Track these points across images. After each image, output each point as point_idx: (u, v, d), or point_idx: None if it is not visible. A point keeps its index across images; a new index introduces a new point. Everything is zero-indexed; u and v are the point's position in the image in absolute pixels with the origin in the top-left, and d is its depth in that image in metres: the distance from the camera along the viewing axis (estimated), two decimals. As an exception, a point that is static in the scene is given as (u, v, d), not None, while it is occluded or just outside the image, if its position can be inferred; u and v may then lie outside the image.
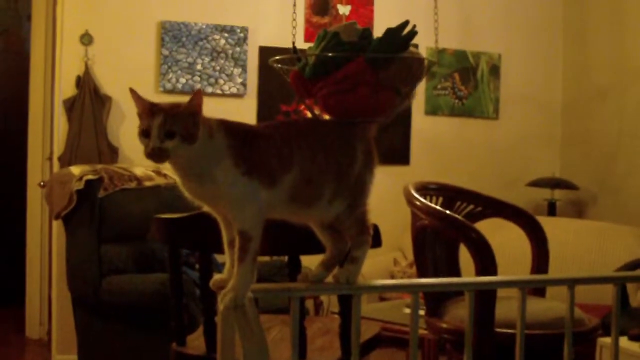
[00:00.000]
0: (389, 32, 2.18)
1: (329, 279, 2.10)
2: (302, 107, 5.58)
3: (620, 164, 6.28)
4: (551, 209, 6.50)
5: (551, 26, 7.00)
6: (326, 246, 2.11)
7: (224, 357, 2.03)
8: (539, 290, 3.74)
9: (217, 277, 2.02)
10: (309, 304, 5.51)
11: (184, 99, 5.83)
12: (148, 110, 1.88)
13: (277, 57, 2.38)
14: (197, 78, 5.97)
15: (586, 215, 6.66)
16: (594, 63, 6.65)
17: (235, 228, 1.91)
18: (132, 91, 1.89)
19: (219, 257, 1.98)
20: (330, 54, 2.15)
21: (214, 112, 6.08)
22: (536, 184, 6.48)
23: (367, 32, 2.21)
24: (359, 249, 2.07)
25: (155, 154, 1.84)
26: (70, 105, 5.70)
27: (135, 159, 5.83)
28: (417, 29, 2.23)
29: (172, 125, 1.84)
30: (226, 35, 6.05)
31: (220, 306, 1.92)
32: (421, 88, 6.56)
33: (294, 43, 2.53)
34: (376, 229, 2.32)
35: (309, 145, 1.98)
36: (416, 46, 2.32)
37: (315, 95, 2.20)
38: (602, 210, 6.49)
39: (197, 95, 1.89)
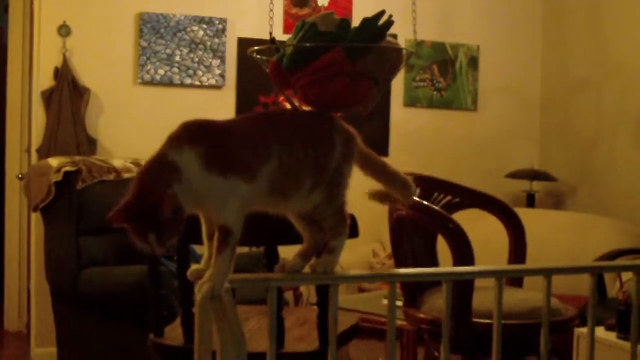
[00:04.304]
0: (365, 21, 2.18)
1: (307, 269, 2.10)
2: (281, 98, 5.58)
3: (599, 155, 6.31)
4: (530, 201, 6.53)
5: (530, 18, 7.02)
6: (303, 236, 2.11)
7: (201, 348, 2.03)
8: (516, 281, 3.76)
9: (194, 267, 2.02)
10: (289, 295, 5.51)
11: (163, 90, 5.75)
12: None
13: (256, 47, 2.38)
14: (175, 69, 5.96)
15: (564, 206, 6.69)
16: (573, 56, 6.68)
17: (216, 224, 1.91)
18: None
19: (197, 249, 1.98)
20: (307, 44, 2.14)
21: (193, 104, 6.06)
22: (515, 175, 6.50)
23: (345, 22, 2.20)
24: (337, 239, 2.07)
25: None
26: (48, 97, 5.68)
27: (113, 150, 5.83)
28: (395, 20, 2.23)
29: None
30: (205, 26, 6.04)
31: (198, 296, 1.92)
32: (400, 80, 6.58)
33: (271, 33, 2.53)
34: (353, 219, 2.32)
35: (286, 136, 1.98)
36: (395, 37, 2.31)
37: (294, 85, 2.20)
38: (580, 201, 6.53)
39: None
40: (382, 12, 2.21)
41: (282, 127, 2.01)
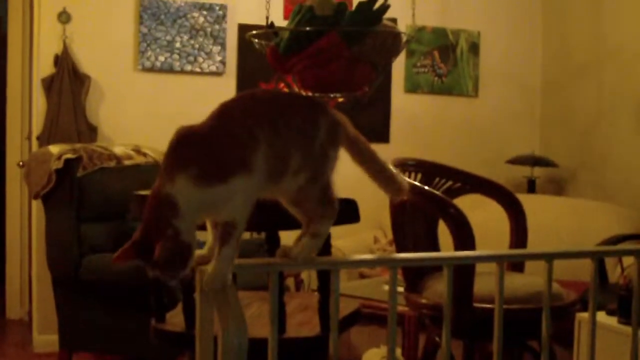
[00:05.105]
0: (361, 6, 2.17)
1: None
2: (282, 84, 5.57)
3: (600, 141, 6.30)
4: (531, 187, 6.53)
5: (531, 4, 7.01)
6: (301, 221, 2.10)
7: (203, 333, 2.03)
8: (517, 266, 3.76)
9: (197, 252, 2.01)
10: (290, 282, 5.51)
11: (163, 77, 5.72)
12: None
13: (254, 32, 2.38)
14: (176, 56, 5.95)
15: (565, 192, 6.69)
16: (573, 41, 6.66)
17: (222, 221, 1.90)
18: None
19: (199, 234, 1.97)
20: (302, 29, 2.14)
21: (193, 91, 6.01)
22: (516, 161, 6.50)
23: (343, 6, 2.20)
24: (322, 223, 2.04)
25: None
26: (49, 84, 5.68)
27: (114, 137, 5.82)
28: (396, 5, 2.23)
29: None
30: (205, 12, 6.03)
31: (204, 287, 1.91)
32: (400, 66, 6.56)
33: (267, 18, 2.52)
34: (354, 203, 2.31)
35: (269, 119, 1.93)
36: (394, 21, 2.31)
37: (291, 70, 2.20)
38: (581, 187, 6.52)
39: None
40: None
41: (263, 110, 1.97)
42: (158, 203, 1.82)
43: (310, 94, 2.18)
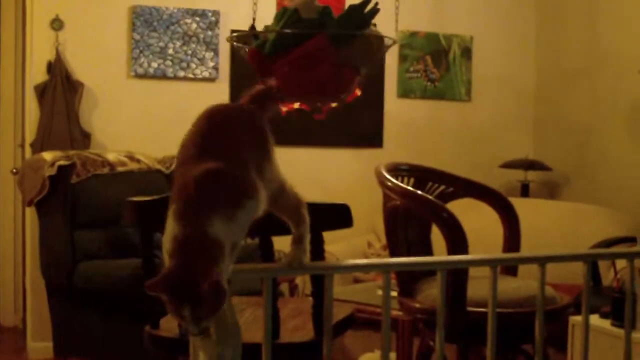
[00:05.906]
0: (352, 9, 2.17)
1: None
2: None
3: (593, 145, 6.32)
4: (524, 191, 6.54)
5: (524, 8, 7.02)
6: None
7: (197, 339, 2.03)
8: (510, 270, 3.76)
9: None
10: (284, 287, 5.51)
11: (156, 83, 5.70)
12: None
13: (235, 34, 2.37)
14: (168, 62, 5.95)
15: (559, 196, 6.70)
16: (567, 45, 6.68)
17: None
18: None
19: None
20: (290, 31, 2.14)
21: (186, 97, 5.99)
22: (509, 165, 6.51)
23: (327, 9, 2.19)
24: (301, 225, 2.06)
25: None
26: (42, 91, 5.67)
27: (107, 144, 5.82)
28: (388, 11, 2.23)
29: None
30: (198, 19, 6.03)
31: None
32: (393, 71, 6.57)
33: (254, 19, 2.53)
34: (347, 208, 2.31)
35: (253, 143, 1.96)
36: (374, 25, 2.30)
37: (276, 72, 2.19)
38: (575, 191, 6.53)
39: None
40: (368, 0, 2.20)
41: (244, 134, 1.97)
42: (203, 245, 1.75)
43: (294, 97, 2.17)
